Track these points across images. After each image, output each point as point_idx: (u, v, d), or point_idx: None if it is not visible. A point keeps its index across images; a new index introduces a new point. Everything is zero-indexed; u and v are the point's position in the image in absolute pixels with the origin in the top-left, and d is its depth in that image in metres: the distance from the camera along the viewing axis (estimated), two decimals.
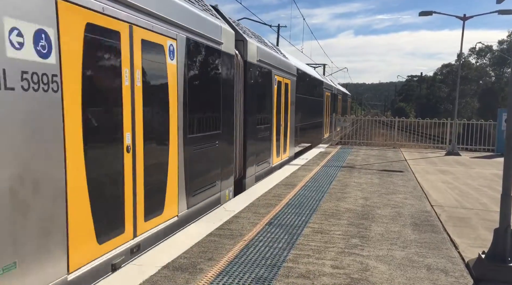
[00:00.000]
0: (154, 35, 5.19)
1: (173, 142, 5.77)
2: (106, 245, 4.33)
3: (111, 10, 4.32)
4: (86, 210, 4.03)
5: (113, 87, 4.43)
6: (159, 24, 5.28)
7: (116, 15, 4.40)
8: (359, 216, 6.57)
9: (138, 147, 4.88)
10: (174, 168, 5.80)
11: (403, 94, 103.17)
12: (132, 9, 4.69)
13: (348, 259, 4.72)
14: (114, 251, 4.46)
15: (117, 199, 4.53)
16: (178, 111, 5.88)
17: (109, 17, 4.31)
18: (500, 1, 4.81)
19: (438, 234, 5.76)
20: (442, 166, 12.87)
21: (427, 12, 16.77)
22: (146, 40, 5.02)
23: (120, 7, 4.47)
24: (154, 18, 5.16)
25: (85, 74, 3.97)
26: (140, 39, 4.89)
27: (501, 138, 15.97)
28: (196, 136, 6.53)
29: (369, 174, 10.67)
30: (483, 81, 65.14)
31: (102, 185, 4.25)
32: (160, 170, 5.43)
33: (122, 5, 4.50)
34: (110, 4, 4.30)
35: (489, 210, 7.27)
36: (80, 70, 3.92)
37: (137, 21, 4.80)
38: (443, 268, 4.56)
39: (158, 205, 5.39)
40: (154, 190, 5.27)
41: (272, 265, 4.47)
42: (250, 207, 6.88)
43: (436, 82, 75.04)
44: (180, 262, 4.47)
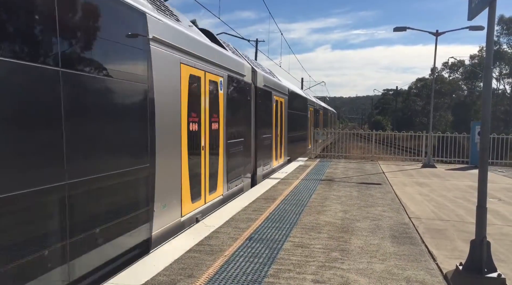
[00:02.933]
0: (214, 76, 8.11)
1: (221, 145, 8.53)
2: (194, 205, 7.11)
3: (198, 65, 7.27)
4: (187, 182, 6.76)
5: (199, 109, 7.30)
6: (216, 69, 8.24)
7: (200, 68, 7.33)
8: (339, 229, 6.60)
9: (206, 147, 7.64)
10: (221, 162, 8.58)
11: (379, 107, 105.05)
12: (205, 62, 7.60)
13: (328, 273, 4.72)
14: (197, 209, 7.24)
15: (199, 177, 7.35)
16: (223, 124, 8.65)
17: (197, 69, 7.22)
18: (471, 17, 4.98)
19: (416, 246, 5.82)
20: (419, 178, 13.09)
21: (401, 28, 17.20)
22: (211, 79, 7.96)
23: (201, 62, 7.40)
24: (214, 66, 8.10)
25: (188, 101, 6.79)
26: (208, 79, 7.78)
27: (475, 151, 16.37)
28: (231, 142, 9.18)
29: (348, 187, 10.76)
30: (456, 94, 66.96)
31: (194, 168, 7.04)
32: (215, 163, 8.23)
33: (202, 61, 7.42)
34: (197, 61, 7.22)
35: (465, 222, 7.41)
36: (187, 98, 6.74)
37: (207, 69, 7.70)
38: (422, 280, 4.60)
39: (214, 185, 8.18)
40: (213, 175, 8.04)
41: (253, 281, 4.43)
42: (230, 222, 6.84)
43: (411, 96, 76.70)
44: (159, 280, 4.39)
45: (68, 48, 3.96)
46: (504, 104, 59.28)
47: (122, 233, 4.88)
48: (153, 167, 5.54)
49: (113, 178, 4.65)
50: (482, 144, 4.69)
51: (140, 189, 5.31)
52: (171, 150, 6.18)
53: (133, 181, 5.14)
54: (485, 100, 4.77)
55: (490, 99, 4.77)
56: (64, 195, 3.87)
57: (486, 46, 4.75)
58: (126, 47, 4.96)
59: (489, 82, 4.73)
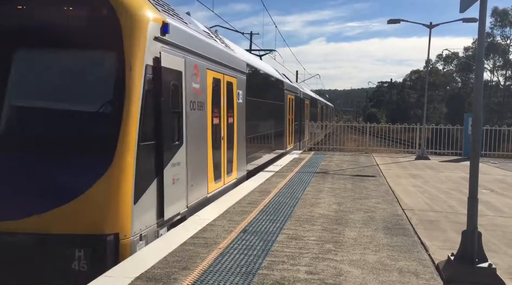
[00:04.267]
0: (230, 77, 9.44)
1: (235, 137, 9.87)
2: (216, 185, 8.39)
3: (219, 69, 8.58)
4: (211, 165, 8.01)
5: (220, 105, 8.71)
6: (231, 72, 9.52)
7: (220, 71, 8.66)
8: (333, 221, 6.65)
9: (225, 138, 8.98)
10: (235, 151, 9.86)
11: (374, 100, 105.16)
12: (224, 67, 8.92)
13: (322, 264, 4.76)
14: (217, 189, 8.46)
15: (220, 161, 8.67)
16: (240, 118, 10.24)
17: (218, 73, 8.54)
18: (463, 10, 4.99)
19: (409, 237, 5.88)
20: (413, 170, 13.17)
21: (395, 20, 17.22)
22: (228, 81, 9.23)
23: (221, 67, 8.72)
24: (230, 69, 9.39)
25: (212, 100, 8.12)
26: (226, 81, 9.06)
27: (468, 143, 16.47)
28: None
29: (342, 179, 10.81)
30: (450, 87, 67.18)
31: (216, 153, 8.35)
32: (231, 151, 9.52)
33: (221, 66, 8.75)
34: (218, 66, 8.53)
35: (458, 213, 7.48)
36: (211, 98, 8.08)
37: (225, 72, 9.02)
38: (414, 270, 4.66)
39: (230, 170, 9.48)
40: (230, 161, 9.40)
41: (247, 273, 4.47)
42: (225, 215, 6.87)
43: (405, 88, 76.83)
44: (154, 272, 4.42)
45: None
46: (497, 96, 59.59)
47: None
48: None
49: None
50: (473, 136, 4.73)
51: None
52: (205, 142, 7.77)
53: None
54: (477, 92, 4.80)
55: (481, 91, 4.80)
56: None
57: (478, 39, 4.77)
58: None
59: (480, 75, 4.76)
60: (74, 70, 5.38)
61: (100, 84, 5.37)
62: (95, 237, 4.71)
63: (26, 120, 5.33)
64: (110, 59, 5.31)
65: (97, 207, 4.83)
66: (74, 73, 5.38)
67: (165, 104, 5.86)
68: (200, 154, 7.43)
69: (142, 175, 5.27)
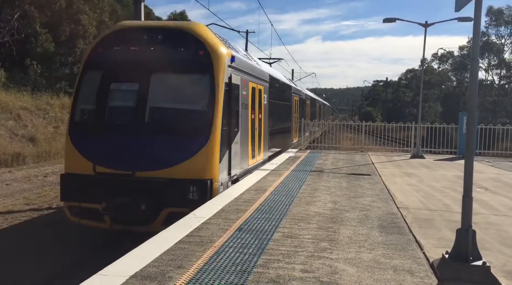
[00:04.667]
0: (260, 86, 12.18)
1: (263, 129, 12.81)
2: (252, 161, 11.20)
3: (254, 80, 11.35)
4: (250, 147, 10.81)
5: (255, 106, 11.41)
6: (260, 80, 12.23)
7: (255, 82, 11.39)
8: (328, 219, 6.66)
9: (257, 129, 11.77)
10: (263, 139, 12.72)
11: (369, 99, 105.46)
12: (256, 79, 11.68)
13: (317, 262, 4.77)
14: (252, 164, 11.29)
15: (255, 145, 11.50)
16: (265, 115, 12.92)
17: (254, 83, 11.28)
18: (458, 9, 5.00)
19: (404, 236, 5.90)
20: (408, 168, 13.22)
21: (391, 19, 17.24)
22: (259, 88, 12.04)
23: (255, 79, 11.50)
24: (259, 80, 12.15)
25: (251, 102, 10.94)
26: (260, 88, 12.06)
27: (463, 141, 16.51)
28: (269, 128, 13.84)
29: (338, 178, 10.83)
30: (445, 86, 67.47)
31: (253, 139, 11.12)
32: (260, 139, 12.32)
33: (255, 78, 11.52)
34: (254, 79, 11.31)
35: (452, 211, 7.52)
36: (250, 101, 10.85)
37: (257, 82, 11.78)
38: (409, 268, 4.68)
39: (259, 152, 12.26)
40: (259, 146, 12.14)
41: (242, 271, 4.47)
42: (220, 213, 6.86)
43: (401, 87, 77.07)
44: (149, 271, 4.41)
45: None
46: (492, 95, 59.90)
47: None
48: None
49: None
50: (468, 134, 4.75)
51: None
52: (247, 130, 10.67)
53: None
54: (471, 91, 4.81)
55: (476, 90, 4.82)
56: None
57: (473, 38, 4.79)
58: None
59: (475, 74, 4.77)
60: (187, 85, 8.70)
61: (201, 94, 8.56)
62: (200, 180, 7.96)
63: (163, 115, 8.67)
64: (206, 79, 8.51)
65: (201, 164, 8.10)
66: (187, 88, 8.68)
67: (232, 106, 9.12)
68: (246, 139, 10.55)
69: (222, 147, 8.51)
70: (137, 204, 7.71)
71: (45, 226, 10.60)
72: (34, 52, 29.23)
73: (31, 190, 14.49)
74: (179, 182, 7.85)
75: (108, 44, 8.89)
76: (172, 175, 7.89)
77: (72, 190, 8.24)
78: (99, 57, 8.84)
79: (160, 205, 7.84)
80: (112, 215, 7.89)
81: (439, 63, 68.96)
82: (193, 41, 8.66)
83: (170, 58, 8.56)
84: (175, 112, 8.61)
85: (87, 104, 9.04)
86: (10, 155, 18.67)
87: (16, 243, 9.25)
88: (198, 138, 8.19)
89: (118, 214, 7.83)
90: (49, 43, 29.82)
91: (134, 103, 8.61)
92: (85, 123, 8.99)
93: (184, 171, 7.95)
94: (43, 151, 20.69)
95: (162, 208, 7.86)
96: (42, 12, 29.55)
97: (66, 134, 8.87)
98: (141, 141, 8.22)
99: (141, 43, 8.71)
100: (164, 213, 7.86)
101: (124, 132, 8.41)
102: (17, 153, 19.14)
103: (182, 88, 8.63)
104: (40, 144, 21.06)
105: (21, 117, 22.20)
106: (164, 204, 7.84)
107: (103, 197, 7.87)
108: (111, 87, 8.87)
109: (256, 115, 11.68)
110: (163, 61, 8.51)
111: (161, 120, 8.55)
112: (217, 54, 8.57)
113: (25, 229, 10.32)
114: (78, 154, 8.40)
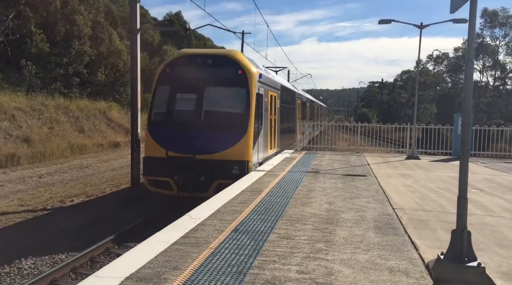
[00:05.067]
0: (274, 93, 15.02)
1: (277, 127, 15.60)
2: (269, 151, 14.29)
3: (271, 89, 14.40)
4: (268, 140, 13.98)
5: (271, 109, 14.53)
6: (274, 89, 15.07)
7: (271, 90, 14.44)
8: (324, 220, 6.66)
9: (273, 127, 14.68)
10: (277, 135, 15.54)
11: (365, 100, 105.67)
12: (272, 88, 14.59)
13: (313, 263, 4.77)
14: (269, 154, 14.21)
15: (271, 139, 14.59)
16: (278, 116, 15.66)
17: (271, 91, 14.37)
18: (453, 10, 5.02)
19: (399, 237, 5.91)
20: (403, 169, 13.25)
21: (386, 21, 17.28)
22: (274, 95, 14.89)
23: (272, 88, 14.52)
24: (274, 89, 14.96)
25: (270, 106, 14.31)
26: (274, 95, 14.96)
27: (458, 142, 16.60)
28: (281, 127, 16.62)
29: (333, 179, 10.84)
30: (440, 87, 67.68)
31: (270, 135, 14.30)
32: (275, 135, 15.10)
33: (272, 88, 14.55)
34: (271, 88, 14.42)
35: (447, 212, 7.54)
36: (269, 105, 14.16)
37: (273, 91, 14.66)
38: (404, 269, 4.68)
39: (274, 145, 15.12)
40: (274, 140, 14.96)
41: (238, 272, 4.46)
42: (216, 214, 6.85)
43: (396, 88, 77.28)
44: (144, 272, 4.39)
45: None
46: (487, 96, 60.13)
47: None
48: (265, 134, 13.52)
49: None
50: (463, 136, 4.76)
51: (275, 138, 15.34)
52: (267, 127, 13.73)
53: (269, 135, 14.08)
54: (466, 92, 4.83)
55: (471, 91, 4.83)
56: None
57: (468, 39, 4.80)
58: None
59: (470, 75, 4.79)
60: (230, 95, 12.07)
61: (240, 101, 11.86)
62: (241, 161, 11.22)
63: (213, 116, 11.80)
64: (244, 91, 11.79)
65: (241, 150, 11.34)
66: (230, 97, 12.08)
67: (259, 109, 12.37)
68: (266, 134, 13.70)
69: (254, 138, 11.81)
70: (199, 177, 11.11)
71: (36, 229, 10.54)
72: (28, 52, 29.10)
73: (25, 191, 14.41)
74: (226, 162, 11.15)
75: (174, 66, 12.29)
76: (221, 158, 11.20)
77: (151, 168, 11.58)
78: (167, 75, 12.24)
79: (213, 178, 11.09)
80: (181, 185, 11.21)
81: (434, 64, 69.15)
82: (234, 64, 11.96)
83: (217, 76, 11.79)
84: (222, 114, 11.83)
85: (160, 108, 12.45)
86: (4, 155, 18.57)
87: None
88: (238, 133, 11.45)
89: (185, 184, 11.18)
90: (44, 43, 29.71)
91: (193, 108, 11.89)
92: (159, 122, 12.22)
93: (229, 155, 11.26)
94: (37, 152, 20.59)
95: (214, 180, 11.09)
96: (37, 12, 29.45)
97: (146, 130, 12.24)
98: (198, 134, 11.44)
99: (196, 65, 12.02)
100: (215, 183, 11.03)
101: (186, 128, 11.58)
102: (11, 153, 19.04)
103: (226, 97, 12.03)
104: (34, 145, 20.96)
105: (15, 118, 22.08)
106: (216, 177, 11.06)
107: (173, 172, 11.21)
108: (177, 96, 12.27)
109: (272, 116, 14.78)
110: (212, 78, 11.77)
111: (212, 120, 11.68)
112: (251, 74, 11.90)
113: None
114: (155, 143, 11.73)
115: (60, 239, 9.65)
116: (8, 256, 8.49)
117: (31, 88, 28.03)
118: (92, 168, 19.71)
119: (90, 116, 28.60)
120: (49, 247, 9.06)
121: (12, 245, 9.17)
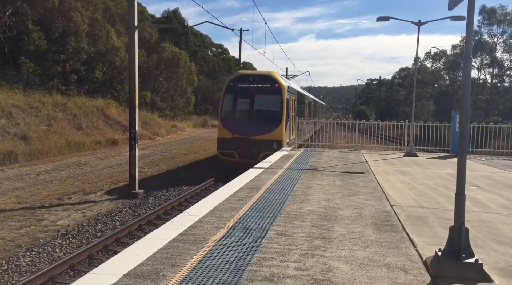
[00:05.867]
0: (293, 97, 21.35)
1: (294, 122, 20.11)
2: (291, 136, 19.90)
3: (292, 95, 20.84)
4: (290, 129, 19.72)
5: (293, 108, 21.13)
6: (294, 94, 21.52)
7: (292, 96, 20.85)
8: (322, 217, 6.67)
9: (292, 121, 20.08)
10: (295, 127, 20.05)
11: (363, 97, 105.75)
12: (292, 94, 21.10)
13: (311, 260, 4.78)
14: (291, 139, 20.14)
15: (290, 131, 19.76)
16: (295, 113, 21.21)
17: (292, 96, 20.83)
18: (451, 7, 5.02)
19: (397, 233, 5.93)
20: (401, 166, 13.27)
21: (384, 18, 17.27)
22: (294, 99, 21.36)
23: (292, 94, 20.86)
24: (293, 94, 21.28)
25: (292, 106, 21.09)
26: (292, 98, 20.79)
27: (456, 140, 16.62)
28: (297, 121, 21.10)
29: (332, 176, 10.86)
30: (438, 84, 67.71)
31: (290, 128, 20.00)
32: (292, 126, 20.07)
33: (292, 94, 20.96)
34: (292, 94, 20.88)
35: (445, 209, 7.56)
36: (292, 106, 20.75)
37: (293, 96, 21.18)
38: (402, 266, 4.70)
39: (292, 134, 20.04)
40: (293, 131, 20.19)
41: (236, 269, 4.46)
42: (214, 211, 6.85)
43: (394, 86, 77.30)
44: (142, 269, 4.39)
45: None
46: (484, 93, 60.20)
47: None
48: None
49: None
50: (460, 132, 4.77)
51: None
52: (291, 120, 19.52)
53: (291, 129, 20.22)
54: (464, 89, 4.83)
55: (469, 89, 4.83)
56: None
57: (466, 36, 4.80)
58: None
59: (468, 72, 4.79)
60: (271, 100, 18.79)
61: (277, 104, 18.64)
62: (278, 140, 18.15)
63: (261, 113, 18.93)
64: (279, 98, 18.66)
65: (278, 133, 18.22)
66: (271, 101, 18.83)
67: (288, 109, 18.94)
68: (290, 125, 19.31)
69: (285, 127, 18.40)
70: (252, 150, 17.60)
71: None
72: (26, 49, 28.98)
73: (23, 188, 14.39)
74: (269, 141, 17.77)
75: (235, 81, 19.22)
76: (265, 138, 17.80)
77: (222, 144, 18.36)
78: (231, 87, 19.20)
79: (261, 150, 17.37)
80: (241, 154, 17.76)
81: (432, 62, 69.13)
82: (273, 80, 18.81)
83: (263, 88, 18.71)
84: (266, 112, 18.77)
85: (227, 108, 19.28)
86: (1, 153, 18.53)
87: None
88: (276, 123, 18.19)
89: (244, 153, 17.65)
90: (41, 40, 29.59)
91: (248, 107, 19.04)
92: (227, 116, 19.03)
93: (271, 136, 17.95)
94: (35, 149, 20.55)
95: (261, 151, 17.28)
96: (35, 9, 29.29)
97: (219, 121, 19.11)
98: (251, 123, 18.27)
99: (249, 81, 18.89)
100: (262, 154, 16.90)
101: (244, 119, 18.82)
102: (9, 151, 19.00)
103: (268, 101, 18.78)
104: (32, 142, 20.92)
105: (13, 115, 22.03)
106: (263, 150, 17.32)
107: (236, 147, 17.89)
108: (238, 101, 19.38)
109: (293, 113, 20.46)
110: (260, 89, 18.70)
111: (260, 115, 18.63)
112: (283, 86, 18.76)
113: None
114: (225, 129, 18.39)
115: (57, 236, 9.65)
116: (6, 253, 8.48)
117: (28, 86, 27.93)
118: (90, 165, 19.69)
119: (88, 114, 28.55)
120: (47, 244, 9.05)
121: (10, 243, 9.16)
